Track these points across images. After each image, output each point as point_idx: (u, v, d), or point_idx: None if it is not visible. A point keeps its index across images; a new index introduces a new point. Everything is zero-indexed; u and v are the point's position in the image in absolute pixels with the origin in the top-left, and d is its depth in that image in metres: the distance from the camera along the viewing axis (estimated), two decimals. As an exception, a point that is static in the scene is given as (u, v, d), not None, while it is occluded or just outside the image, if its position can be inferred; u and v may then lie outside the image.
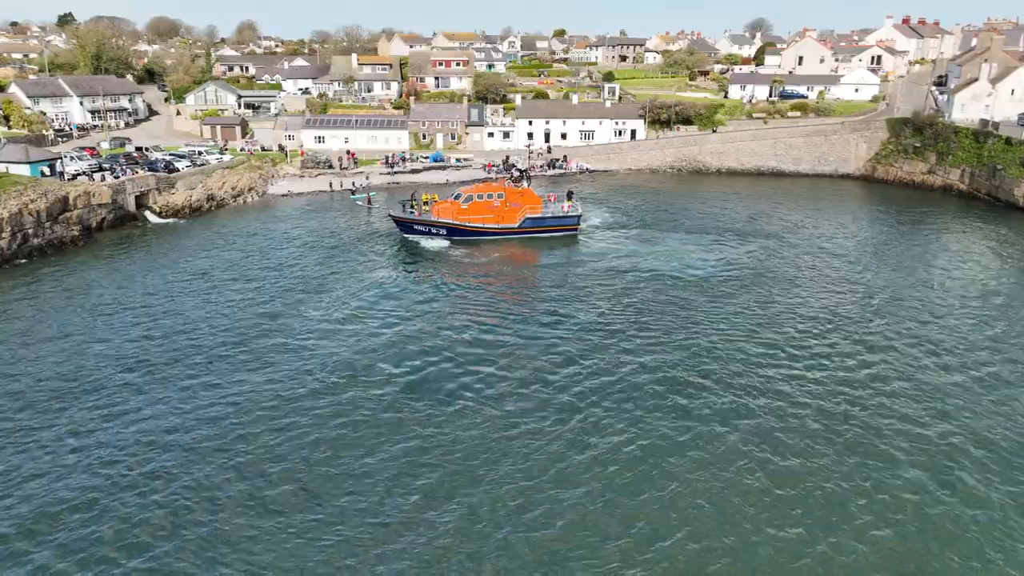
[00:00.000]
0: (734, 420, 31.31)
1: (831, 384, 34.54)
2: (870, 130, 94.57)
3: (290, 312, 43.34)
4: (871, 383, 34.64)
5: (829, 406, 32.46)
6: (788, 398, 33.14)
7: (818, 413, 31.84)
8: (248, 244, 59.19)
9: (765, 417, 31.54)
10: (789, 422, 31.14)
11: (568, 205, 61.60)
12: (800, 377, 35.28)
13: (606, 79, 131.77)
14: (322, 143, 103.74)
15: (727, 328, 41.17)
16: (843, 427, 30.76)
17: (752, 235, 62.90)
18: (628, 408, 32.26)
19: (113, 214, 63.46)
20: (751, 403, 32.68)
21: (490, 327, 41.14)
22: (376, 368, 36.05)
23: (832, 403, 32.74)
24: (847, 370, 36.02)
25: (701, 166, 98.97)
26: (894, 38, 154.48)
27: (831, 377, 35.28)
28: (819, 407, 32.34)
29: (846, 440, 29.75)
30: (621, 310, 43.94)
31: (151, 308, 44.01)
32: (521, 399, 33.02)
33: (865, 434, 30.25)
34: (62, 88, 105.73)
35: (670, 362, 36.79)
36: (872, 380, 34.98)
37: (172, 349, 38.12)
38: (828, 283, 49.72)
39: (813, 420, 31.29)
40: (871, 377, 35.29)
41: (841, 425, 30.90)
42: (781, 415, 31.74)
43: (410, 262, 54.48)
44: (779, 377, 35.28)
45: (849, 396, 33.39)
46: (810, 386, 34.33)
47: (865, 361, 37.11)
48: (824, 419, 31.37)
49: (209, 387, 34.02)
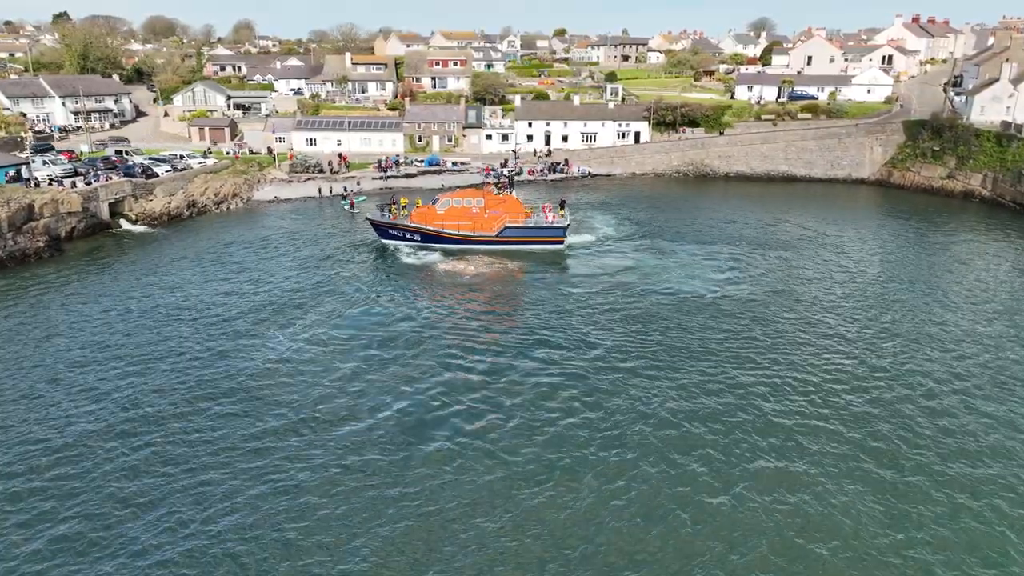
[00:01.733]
0: (768, 485, 27.28)
1: (857, 426, 30.52)
2: (885, 133, 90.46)
3: (255, 340, 39.19)
4: (898, 423, 30.62)
5: (863, 454, 28.45)
6: (815, 440, 29.14)
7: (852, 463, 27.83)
8: (223, 256, 55.07)
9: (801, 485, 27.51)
10: (820, 481, 27.12)
11: (553, 216, 56.81)
12: (819, 416, 31.26)
13: (609, 79, 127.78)
14: (314, 145, 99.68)
15: (737, 362, 37.08)
16: (886, 478, 26.75)
17: (765, 247, 58.81)
18: (631, 465, 28.22)
19: (84, 223, 59.46)
20: (786, 453, 28.68)
21: (470, 358, 36.96)
22: (340, 407, 32.00)
23: (869, 453, 28.72)
24: (873, 405, 31.99)
25: (708, 170, 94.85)
26: (904, 37, 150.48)
27: (855, 416, 31.25)
28: (851, 453, 28.34)
29: (891, 490, 25.77)
30: (620, 337, 39.78)
31: (106, 336, 39.89)
32: (504, 441, 28.99)
33: (914, 491, 26.24)
34: (43, 88, 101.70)
35: (675, 407, 32.71)
36: (892, 416, 30.94)
37: (126, 397, 34.07)
38: (848, 304, 45.61)
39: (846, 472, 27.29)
40: (894, 415, 31.26)
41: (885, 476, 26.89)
42: (815, 488, 27.70)
43: (387, 280, 49.48)
44: (800, 423, 31.24)
45: (883, 445, 29.37)
46: (832, 425, 30.32)
47: (892, 401, 33.05)
48: (858, 472, 27.35)
49: (152, 424, 30.03)
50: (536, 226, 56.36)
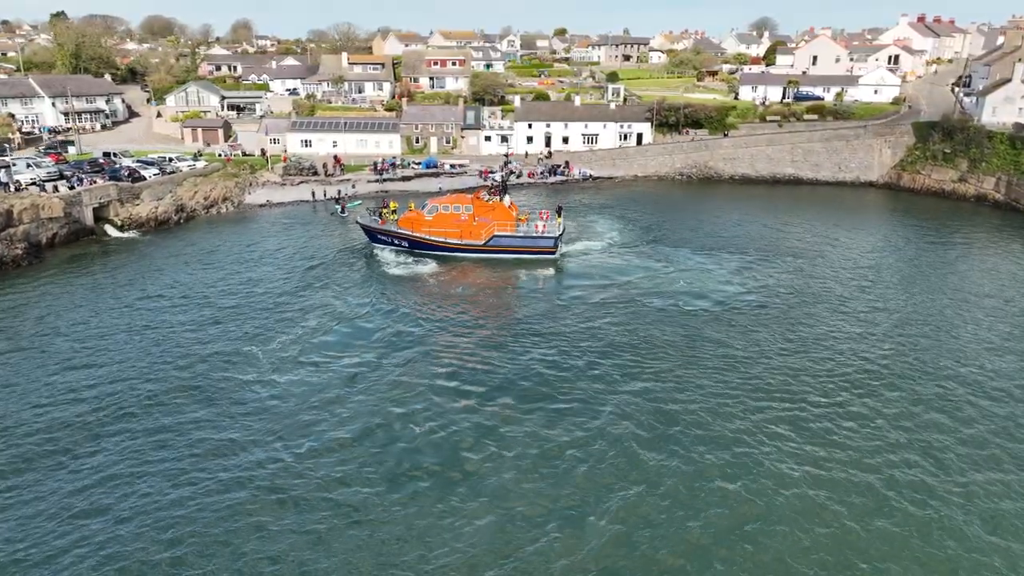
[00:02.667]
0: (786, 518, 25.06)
1: (864, 451, 28.30)
2: (894, 135, 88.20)
3: (234, 361, 36.90)
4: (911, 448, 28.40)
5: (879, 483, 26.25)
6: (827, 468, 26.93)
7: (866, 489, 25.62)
8: (208, 265, 52.67)
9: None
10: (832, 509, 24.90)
11: (544, 226, 53.72)
12: (828, 439, 29.04)
13: (610, 79, 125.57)
14: (309, 147, 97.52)
15: (754, 385, 34.85)
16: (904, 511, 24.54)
17: (774, 253, 56.54)
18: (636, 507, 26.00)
19: (67, 229, 57.22)
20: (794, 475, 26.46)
21: (462, 379, 34.75)
22: (323, 434, 29.77)
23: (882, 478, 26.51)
24: (886, 421, 29.77)
25: (712, 173, 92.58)
26: (910, 37, 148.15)
27: (860, 442, 29.02)
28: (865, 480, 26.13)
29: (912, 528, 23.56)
30: (625, 356, 37.50)
31: (77, 351, 37.69)
32: (496, 479, 26.77)
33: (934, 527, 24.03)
34: (32, 88, 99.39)
35: (690, 436, 30.46)
36: (926, 445, 28.73)
37: (90, 422, 31.85)
38: (864, 315, 43.36)
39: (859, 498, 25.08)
40: (909, 441, 29.04)
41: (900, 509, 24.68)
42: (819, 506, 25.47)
43: (375, 293, 46.42)
44: (799, 450, 29.01)
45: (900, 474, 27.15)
46: (839, 451, 28.10)
47: (906, 421, 30.83)
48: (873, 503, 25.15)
49: (124, 457, 27.81)
50: (525, 236, 53.47)
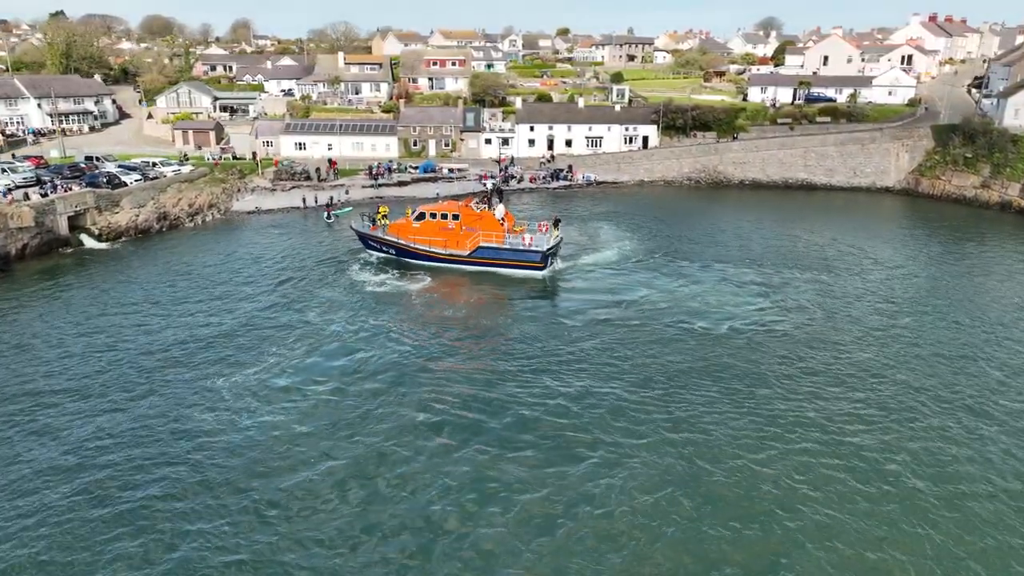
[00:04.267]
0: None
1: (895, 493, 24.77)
2: (912, 138, 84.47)
3: (191, 395, 33.47)
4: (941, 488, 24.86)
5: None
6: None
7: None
8: (185, 278, 49.12)
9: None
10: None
11: (531, 239, 49.79)
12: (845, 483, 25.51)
13: (614, 80, 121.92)
14: (303, 150, 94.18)
15: (785, 419, 31.33)
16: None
17: (791, 266, 52.92)
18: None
19: (39, 239, 53.84)
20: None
21: (449, 417, 31.28)
22: (296, 485, 26.31)
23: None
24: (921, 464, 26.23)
25: (722, 178, 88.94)
26: (922, 37, 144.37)
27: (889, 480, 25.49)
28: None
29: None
30: (633, 388, 33.98)
31: (36, 377, 34.30)
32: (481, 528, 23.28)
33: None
34: (17, 89, 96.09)
35: (707, 487, 26.93)
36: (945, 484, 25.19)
37: (36, 458, 28.43)
38: (892, 335, 39.78)
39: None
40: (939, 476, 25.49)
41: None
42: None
43: (359, 313, 42.53)
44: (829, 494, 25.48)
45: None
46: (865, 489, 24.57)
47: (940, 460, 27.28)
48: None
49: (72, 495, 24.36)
50: (511, 248, 49.79)
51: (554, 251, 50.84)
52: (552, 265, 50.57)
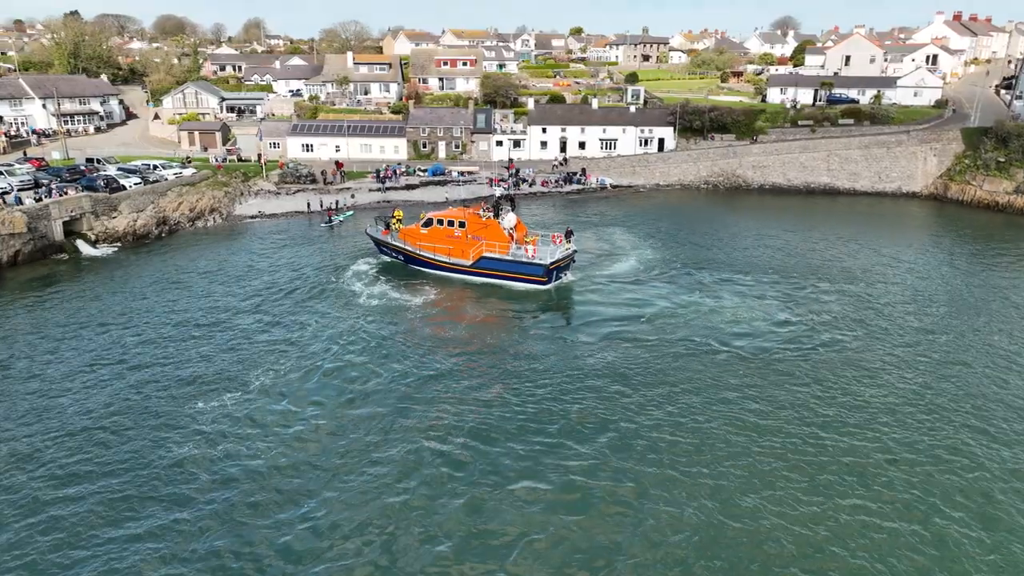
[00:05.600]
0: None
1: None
2: (941, 141, 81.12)
3: (167, 423, 31.23)
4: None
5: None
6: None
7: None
8: (176, 287, 46.86)
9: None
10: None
11: (533, 251, 46.42)
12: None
13: (629, 80, 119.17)
14: (310, 152, 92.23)
15: (820, 461, 28.59)
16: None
17: (814, 278, 49.94)
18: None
19: (32, 245, 51.91)
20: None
21: (451, 451, 28.81)
22: (281, 530, 23.92)
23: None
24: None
25: (741, 182, 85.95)
26: (947, 36, 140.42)
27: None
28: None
29: None
30: (651, 418, 31.33)
31: (12, 395, 32.18)
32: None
33: None
34: (22, 89, 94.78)
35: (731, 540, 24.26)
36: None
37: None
38: (934, 360, 36.90)
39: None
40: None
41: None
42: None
43: (354, 330, 39.50)
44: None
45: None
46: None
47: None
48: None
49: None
50: (514, 260, 46.60)
51: (564, 265, 47.67)
52: (560, 280, 47.39)
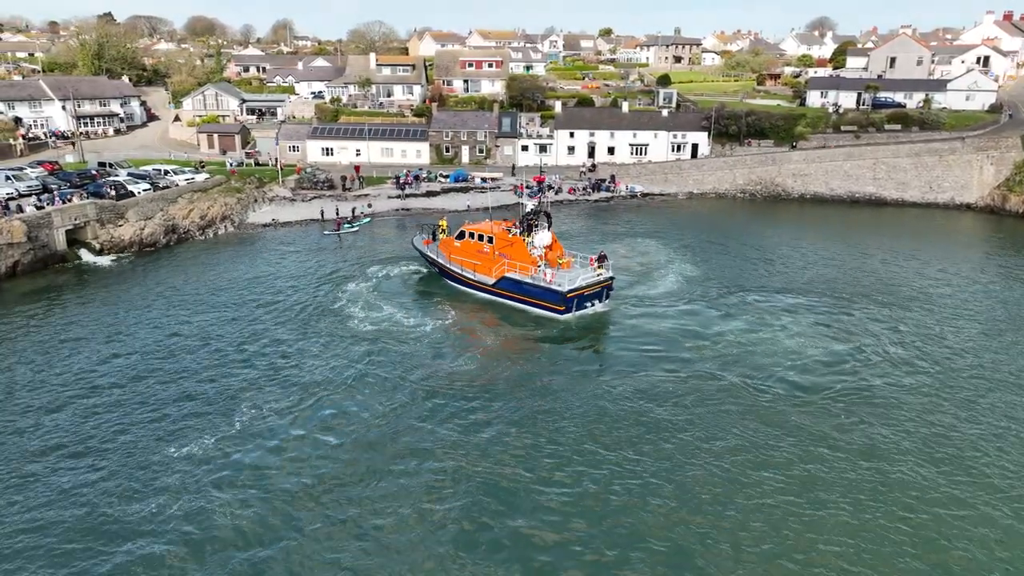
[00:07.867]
0: None
1: None
2: (999, 149, 75.64)
3: (141, 472, 28.09)
4: None
5: None
6: None
7: None
8: (170, 300, 44.17)
9: None
10: None
11: (551, 276, 41.67)
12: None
13: (661, 83, 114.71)
14: (330, 156, 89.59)
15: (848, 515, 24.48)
16: None
17: (867, 300, 45.33)
18: None
19: (32, 255, 49.58)
20: None
21: (456, 497, 25.23)
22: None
23: None
24: None
25: (780, 191, 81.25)
26: (998, 36, 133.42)
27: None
28: None
29: None
30: (684, 471, 27.51)
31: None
32: None
33: None
34: (42, 90, 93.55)
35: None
36: None
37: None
38: (989, 410, 32.45)
39: None
40: None
41: None
42: None
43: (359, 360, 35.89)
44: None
45: None
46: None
47: None
48: None
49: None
50: (533, 283, 42.13)
51: (591, 293, 42.04)
52: (584, 309, 41.85)
